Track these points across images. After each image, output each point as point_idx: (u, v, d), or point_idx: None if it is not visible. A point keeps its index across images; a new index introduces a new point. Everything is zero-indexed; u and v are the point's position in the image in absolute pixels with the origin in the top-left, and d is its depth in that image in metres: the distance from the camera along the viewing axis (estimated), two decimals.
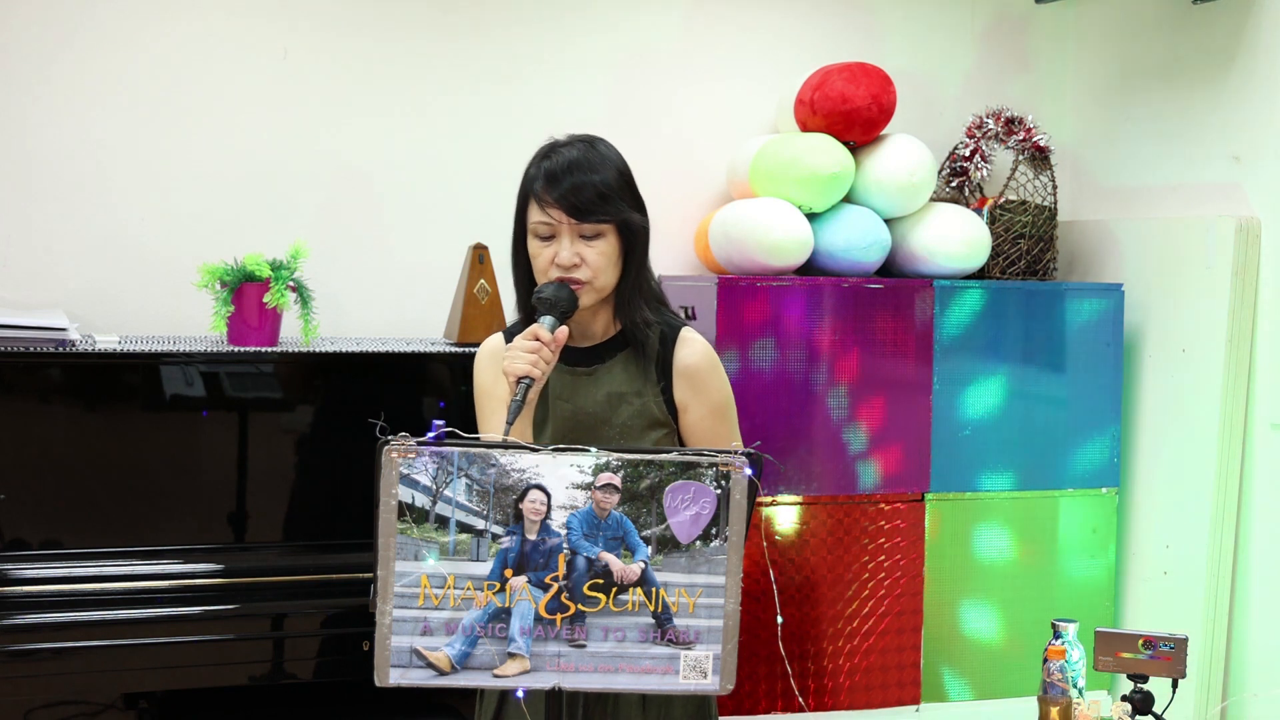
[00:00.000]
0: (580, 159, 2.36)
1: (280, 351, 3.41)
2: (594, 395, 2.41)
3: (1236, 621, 3.80)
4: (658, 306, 2.47)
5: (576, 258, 2.34)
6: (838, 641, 3.74)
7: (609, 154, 2.41)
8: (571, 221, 2.33)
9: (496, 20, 3.97)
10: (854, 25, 4.29)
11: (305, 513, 3.41)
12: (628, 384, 2.42)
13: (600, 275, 2.36)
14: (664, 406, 2.42)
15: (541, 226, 2.35)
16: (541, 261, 2.36)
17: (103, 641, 3.10)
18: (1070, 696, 2.79)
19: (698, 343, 2.45)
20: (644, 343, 2.42)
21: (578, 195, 2.33)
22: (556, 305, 2.31)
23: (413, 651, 1.99)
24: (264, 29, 3.79)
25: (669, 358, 2.42)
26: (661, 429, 2.42)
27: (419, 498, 2.00)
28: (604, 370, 2.43)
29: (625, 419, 2.40)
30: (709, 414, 2.44)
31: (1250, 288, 3.75)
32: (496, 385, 2.41)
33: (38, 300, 3.61)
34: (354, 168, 3.88)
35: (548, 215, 2.34)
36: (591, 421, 2.40)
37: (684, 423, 2.44)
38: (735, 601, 2.03)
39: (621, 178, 2.40)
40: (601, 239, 2.35)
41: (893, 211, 3.92)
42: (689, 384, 2.43)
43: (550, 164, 2.36)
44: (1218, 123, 3.89)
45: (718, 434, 2.43)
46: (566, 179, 2.33)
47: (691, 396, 2.43)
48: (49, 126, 3.64)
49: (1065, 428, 3.91)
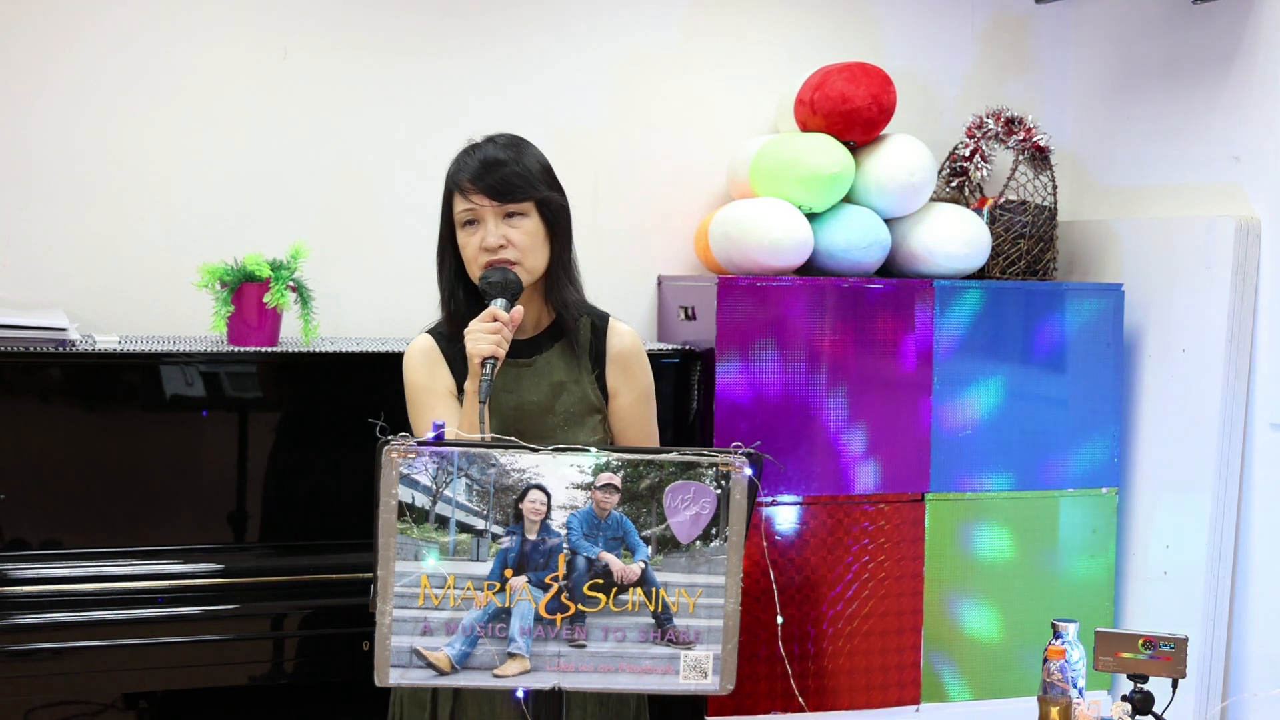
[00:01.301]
0: (495, 148, 2.52)
1: (280, 351, 3.41)
2: (538, 385, 2.52)
3: (1236, 621, 3.80)
4: (581, 292, 2.61)
5: (502, 239, 2.47)
6: (838, 641, 3.74)
7: (528, 148, 2.56)
8: (494, 204, 2.47)
9: (497, 20, 3.97)
10: (854, 25, 4.29)
11: (305, 513, 3.41)
12: (566, 372, 2.54)
13: (528, 255, 2.49)
14: (599, 392, 2.56)
15: (466, 214, 2.50)
16: (470, 249, 2.50)
17: (103, 641, 3.10)
18: (1070, 696, 2.79)
19: (628, 331, 2.62)
20: (576, 331, 2.56)
21: (496, 177, 2.47)
22: (506, 287, 2.44)
23: (413, 651, 1.99)
24: (264, 29, 3.79)
25: (601, 345, 2.57)
26: (597, 414, 2.55)
27: (419, 498, 2.00)
28: (543, 361, 2.55)
29: (567, 406, 2.52)
30: (637, 399, 2.59)
31: (1250, 288, 3.75)
32: (434, 381, 2.54)
33: (38, 300, 3.61)
34: (354, 168, 3.88)
35: (470, 201, 2.49)
36: (536, 410, 2.51)
37: (614, 407, 2.58)
38: (735, 601, 2.03)
39: (540, 165, 2.54)
40: (524, 218, 2.49)
41: (893, 211, 3.92)
42: (621, 370, 2.58)
43: (469, 158, 2.52)
44: (1218, 123, 3.89)
45: (645, 418, 2.61)
46: (484, 166, 2.48)
47: (623, 382, 2.58)
48: (49, 126, 3.64)
49: (1065, 428, 3.91)
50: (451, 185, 2.53)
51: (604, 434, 2.56)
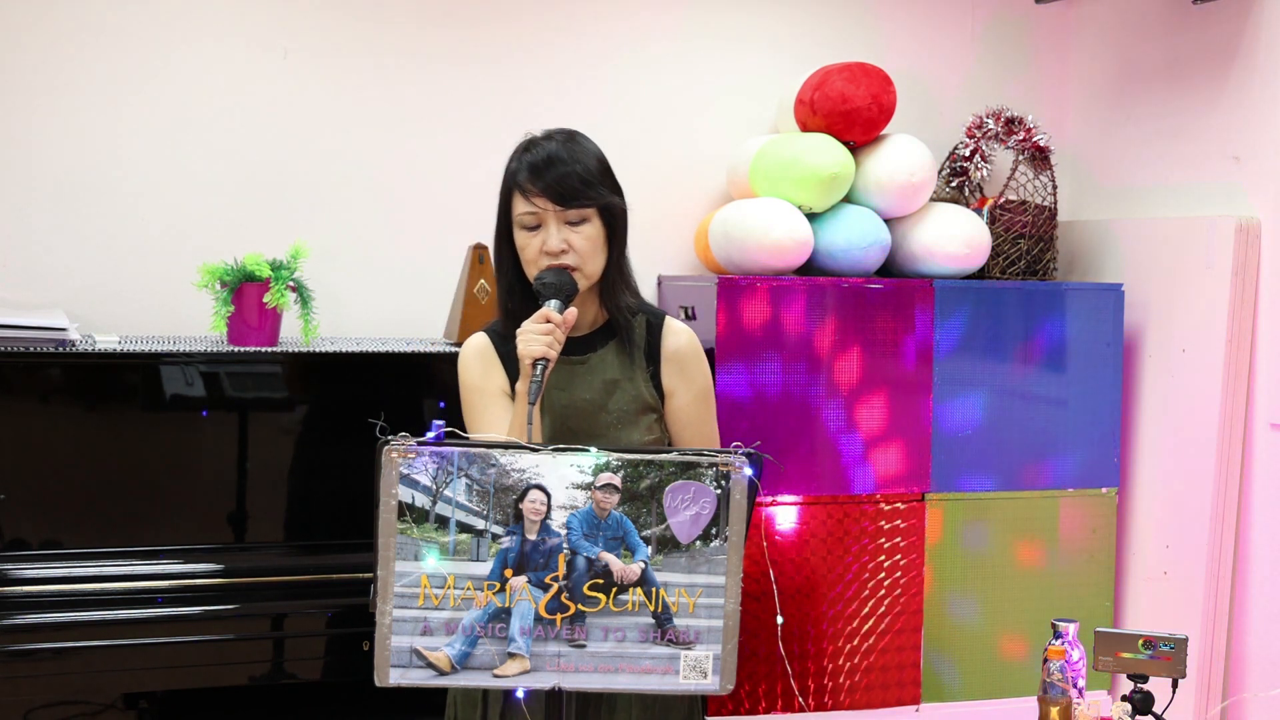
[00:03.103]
0: (560, 150, 2.45)
1: (280, 351, 3.41)
2: (590, 384, 2.48)
3: (1236, 621, 3.80)
4: (637, 293, 2.57)
5: (564, 243, 2.42)
6: (838, 641, 3.74)
7: (587, 144, 2.50)
8: (557, 209, 2.42)
9: (496, 20, 3.97)
10: (854, 25, 4.29)
11: (305, 513, 3.41)
12: (619, 371, 2.50)
13: (588, 260, 2.44)
14: (654, 391, 2.51)
15: (528, 217, 2.44)
16: (530, 251, 2.44)
17: (103, 641, 3.10)
18: (1070, 696, 2.79)
19: (684, 330, 2.57)
20: (631, 329, 2.52)
21: (561, 183, 2.41)
22: (561, 289, 2.40)
23: (413, 651, 1.99)
24: (264, 29, 3.79)
25: (657, 344, 2.53)
26: (652, 413, 2.50)
27: (419, 498, 2.00)
28: (596, 359, 2.50)
29: (620, 405, 2.48)
30: (695, 398, 2.54)
31: (1250, 288, 3.75)
32: (487, 381, 2.49)
33: (38, 300, 3.61)
34: (354, 168, 3.88)
35: (533, 205, 2.43)
36: (589, 409, 2.47)
37: (670, 407, 2.53)
38: (735, 601, 2.03)
39: (601, 165, 2.49)
40: (586, 224, 2.44)
41: (893, 211, 3.92)
42: (678, 369, 2.53)
43: (531, 156, 2.45)
44: (1218, 123, 3.89)
45: (703, 418, 2.55)
46: (548, 167, 2.42)
47: (680, 381, 2.53)
48: (49, 127, 3.65)
49: (1065, 428, 3.91)
50: (511, 184, 2.46)
51: (660, 434, 2.52)
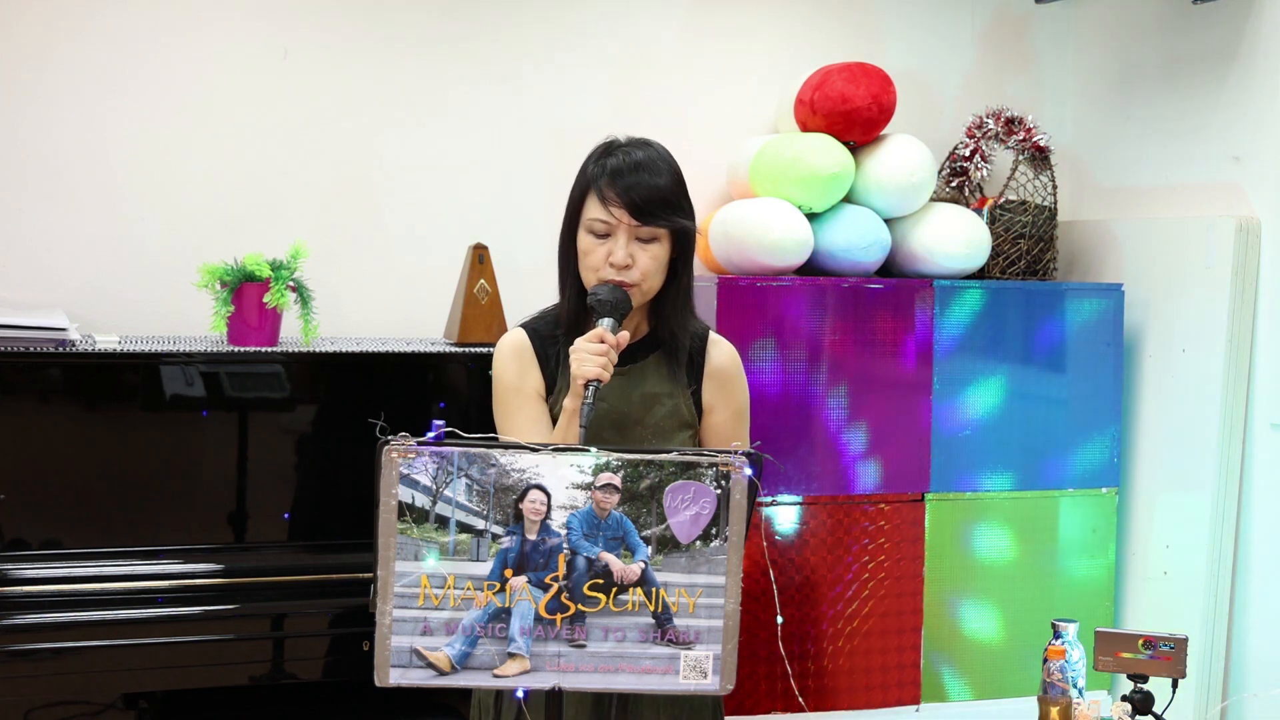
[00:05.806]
0: (644, 160, 2.37)
1: (280, 351, 3.41)
2: (629, 395, 2.42)
3: (1236, 621, 3.80)
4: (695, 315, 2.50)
5: (629, 259, 2.35)
6: (838, 641, 3.74)
7: (669, 159, 2.42)
8: (632, 222, 2.34)
9: (497, 20, 3.97)
10: (854, 25, 4.29)
11: (305, 513, 3.41)
12: (660, 384, 2.44)
13: (649, 279, 2.37)
14: (693, 408, 2.45)
15: (599, 224, 2.36)
16: (594, 259, 2.37)
17: (103, 641, 3.10)
18: (1070, 696, 2.79)
19: (727, 347, 2.50)
20: (677, 345, 2.44)
21: (642, 197, 2.33)
22: (616, 307, 2.33)
23: (413, 651, 1.99)
24: (264, 29, 3.79)
25: (700, 360, 2.46)
26: (689, 430, 2.45)
27: (419, 498, 2.00)
28: (638, 371, 2.44)
29: (658, 419, 2.42)
30: (732, 416, 2.48)
31: (1250, 288, 3.75)
32: (524, 381, 2.43)
33: (38, 300, 3.61)
34: (354, 167, 3.88)
35: (608, 213, 2.35)
36: (625, 421, 2.41)
37: (707, 423, 2.47)
38: (735, 601, 2.03)
39: (679, 185, 2.41)
40: (656, 243, 2.37)
41: (893, 211, 3.92)
42: (719, 386, 2.47)
43: (614, 161, 2.37)
44: (1218, 123, 3.89)
45: (738, 436, 2.48)
46: (630, 178, 2.34)
47: (719, 398, 2.47)
48: (49, 126, 3.64)
49: (1065, 428, 3.91)
50: (589, 186, 2.37)
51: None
